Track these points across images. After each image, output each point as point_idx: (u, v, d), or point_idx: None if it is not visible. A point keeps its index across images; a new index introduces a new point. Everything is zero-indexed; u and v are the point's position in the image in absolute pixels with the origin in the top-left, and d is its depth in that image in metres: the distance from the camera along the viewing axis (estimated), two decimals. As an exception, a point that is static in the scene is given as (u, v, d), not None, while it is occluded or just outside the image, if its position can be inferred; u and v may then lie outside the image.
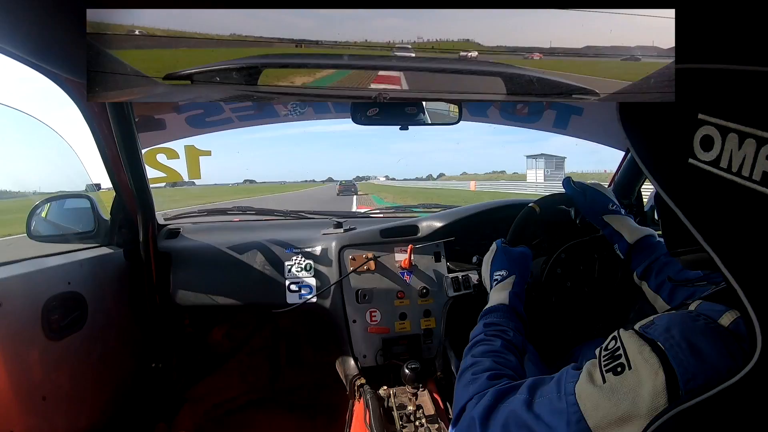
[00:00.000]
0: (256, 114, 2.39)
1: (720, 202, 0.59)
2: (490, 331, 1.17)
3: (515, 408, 0.85)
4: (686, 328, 0.69)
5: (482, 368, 1.04)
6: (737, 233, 0.58)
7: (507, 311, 1.23)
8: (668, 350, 0.67)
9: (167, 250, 2.05)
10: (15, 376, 1.37)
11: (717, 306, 0.74)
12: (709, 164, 0.59)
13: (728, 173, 0.57)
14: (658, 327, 0.72)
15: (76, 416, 1.63)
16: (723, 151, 0.57)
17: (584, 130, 2.27)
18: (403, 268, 1.95)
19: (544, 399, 0.82)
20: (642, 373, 0.67)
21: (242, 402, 2.52)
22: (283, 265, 2.01)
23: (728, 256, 0.59)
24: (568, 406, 0.75)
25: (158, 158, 2.12)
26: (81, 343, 1.64)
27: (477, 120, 2.37)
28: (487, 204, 2.07)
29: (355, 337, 1.90)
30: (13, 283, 1.39)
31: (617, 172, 2.14)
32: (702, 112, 0.59)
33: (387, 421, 1.58)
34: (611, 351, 0.75)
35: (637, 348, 0.70)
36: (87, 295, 1.67)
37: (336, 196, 33.04)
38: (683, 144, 0.61)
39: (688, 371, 0.64)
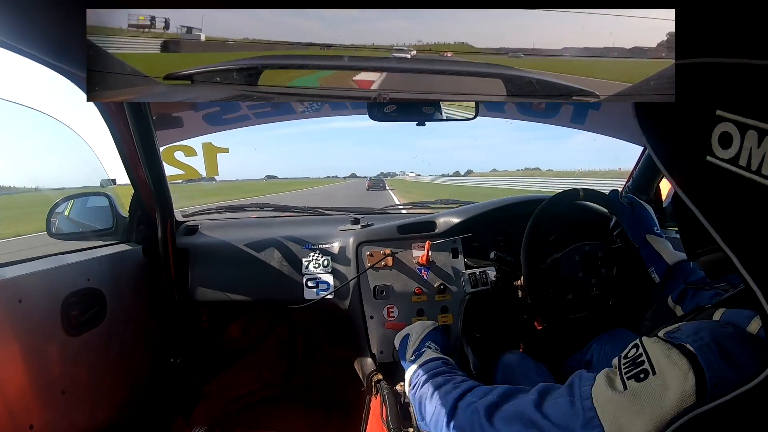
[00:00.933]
0: (272, 111, 2.39)
1: (739, 202, 0.57)
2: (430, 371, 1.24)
3: (524, 406, 0.85)
4: (715, 332, 0.68)
5: (459, 380, 1.08)
6: (756, 233, 0.57)
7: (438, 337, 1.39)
8: (698, 351, 0.66)
9: (185, 247, 2.07)
10: (35, 370, 1.40)
11: (743, 312, 0.73)
12: (727, 162, 0.57)
13: (747, 171, 0.55)
14: (685, 331, 0.71)
15: (95, 410, 1.66)
16: (742, 149, 0.55)
17: (602, 125, 2.22)
18: (420, 264, 1.94)
19: (554, 401, 0.82)
20: (668, 377, 0.66)
21: (259, 397, 2.53)
22: (301, 262, 2.01)
23: (747, 257, 0.57)
24: (585, 410, 0.75)
25: (176, 156, 2.14)
26: (100, 338, 1.67)
27: (494, 115, 2.32)
28: (505, 200, 2.04)
29: (372, 333, 1.89)
30: (34, 280, 1.42)
31: (635, 167, 2.08)
32: (720, 108, 0.57)
33: (404, 417, 1.56)
34: (632, 359, 0.74)
35: (663, 353, 0.69)
36: (106, 291, 1.70)
37: (366, 191, 33.26)
38: (701, 141, 0.59)
39: (718, 374, 0.63)
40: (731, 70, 0.56)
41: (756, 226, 0.56)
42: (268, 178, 68.16)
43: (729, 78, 0.56)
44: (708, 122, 0.58)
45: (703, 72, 0.59)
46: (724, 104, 0.57)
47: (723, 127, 0.57)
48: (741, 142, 0.55)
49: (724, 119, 0.57)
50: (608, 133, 2.23)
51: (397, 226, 2.01)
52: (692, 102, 0.60)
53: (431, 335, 1.47)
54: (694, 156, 0.60)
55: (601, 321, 1.68)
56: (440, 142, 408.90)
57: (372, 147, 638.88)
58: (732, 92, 0.56)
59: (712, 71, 0.58)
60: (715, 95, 0.58)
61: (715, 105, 0.57)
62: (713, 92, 0.58)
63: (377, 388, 1.74)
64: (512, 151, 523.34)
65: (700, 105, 0.59)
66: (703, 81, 0.59)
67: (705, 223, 0.60)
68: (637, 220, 1.50)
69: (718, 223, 0.59)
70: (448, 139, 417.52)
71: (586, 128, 2.23)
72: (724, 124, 0.57)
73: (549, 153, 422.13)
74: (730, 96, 0.56)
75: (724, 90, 0.57)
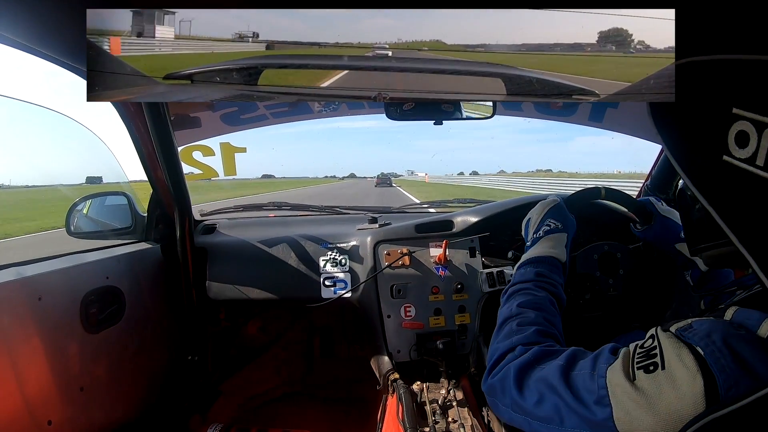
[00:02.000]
0: (290, 111, 2.40)
1: (755, 202, 0.56)
2: (540, 282, 1.15)
3: (550, 372, 0.86)
4: (728, 335, 0.67)
5: (529, 320, 1.04)
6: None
7: (560, 267, 1.21)
8: (708, 356, 0.65)
9: (203, 246, 2.09)
10: (54, 367, 1.43)
11: (753, 314, 0.72)
12: (744, 162, 0.55)
13: (765, 171, 0.54)
14: (698, 332, 0.70)
15: (113, 407, 1.70)
16: (759, 148, 0.54)
17: (620, 123, 2.19)
18: (437, 264, 1.92)
19: (579, 372, 0.83)
20: (676, 376, 0.66)
21: (276, 395, 2.55)
22: (318, 261, 2.01)
23: (762, 256, 0.57)
24: (599, 388, 0.76)
25: (194, 155, 2.16)
26: (118, 336, 1.70)
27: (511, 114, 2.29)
28: (523, 199, 2.00)
29: (389, 332, 1.88)
30: (54, 278, 1.45)
31: (654, 166, 2.01)
32: (737, 106, 0.55)
33: (420, 416, 1.55)
34: (647, 349, 0.75)
35: (674, 350, 0.69)
36: (124, 289, 1.72)
37: (374, 188, 33.66)
38: (717, 140, 0.58)
39: (730, 378, 0.62)
40: (748, 67, 0.55)
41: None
42: (264, 177, 69.03)
43: (745, 75, 0.55)
44: (724, 120, 0.57)
45: (719, 69, 0.57)
46: (741, 102, 0.55)
47: (739, 126, 0.55)
48: (758, 141, 0.54)
49: (740, 117, 0.55)
50: (626, 132, 2.19)
51: (415, 225, 2.00)
52: (708, 100, 0.59)
53: (551, 213, 1.37)
54: (710, 155, 0.59)
55: (617, 322, 1.66)
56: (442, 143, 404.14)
57: (372, 147, 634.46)
58: (749, 90, 0.55)
59: (727, 68, 0.56)
60: (731, 93, 0.56)
61: (732, 103, 0.56)
62: (729, 90, 0.57)
63: (394, 387, 1.74)
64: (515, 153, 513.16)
65: (715, 103, 0.58)
66: (719, 78, 0.57)
67: (721, 223, 0.59)
68: (664, 229, 1.45)
69: (734, 223, 0.58)
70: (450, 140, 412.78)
71: (604, 126, 2.19)
72: (740, 123, 0.55)
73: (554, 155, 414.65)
74: (747, 93, 0.55)
75: (740, 87, 0.56)
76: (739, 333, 0.68)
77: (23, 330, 1.34)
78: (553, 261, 1.21)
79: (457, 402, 1.63)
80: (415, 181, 54.23)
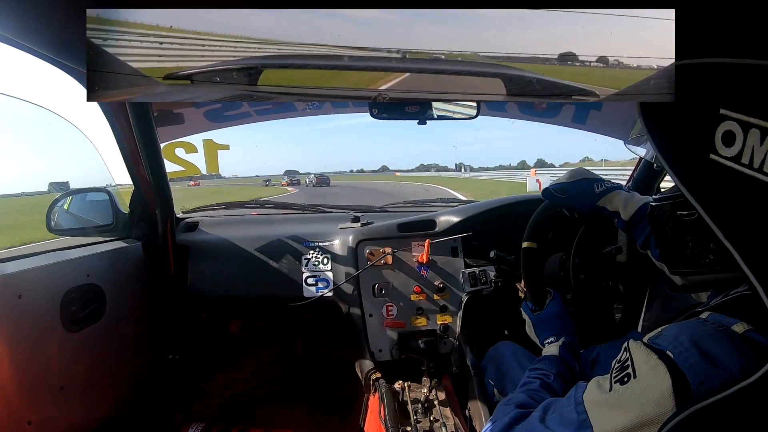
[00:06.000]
0: (274, 108, 2.38)
1: (741, 199, 0.59)
2: (533, 374, 1.21)
3: (530, 423, 0.91)
4: (694, 334, 0.72)
5: (515, 401, 1.08)
6: (759, 231, 0.58)
7: (554, 360, 1.26)
8: (677, 357, 0.69)
9: (185, 243, 2.08)
10: (34, 366, 1.40)
11: (728, 318, 0.76)
12: (730, 160, 0.58)
13: (750, 169, 0.57)
14: (666, 336, 0.75)
15: (94, 406, 1.67)
16: (745, 147, 0.57)
17: (603, 125, 2.21)
18: (420, 263, 1.95)
19: (555, 414, 0.87)
20: (647, 382, 0.70)
21: (258, 394, 2.54)
22: (300, 259, 2.02)
23: (748, 253, 0.59)
24: (578, 414, 0.80)
25: (177, 152, 2.13)
26: (99, 334, 1.67)
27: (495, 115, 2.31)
28: (505, 199, 2.06)
29: (371, 331, 1.90)
30: (33, 275, 1.42)
31: (636, 168, 2.07)
32: (724, 107, 0.59)
33: (402, 415, 1.57)
34: (622, 362, 0.78)
35: (643, 358, 0.73)
36: (105, 287, 1.70)
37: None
38: (705, 139, 0.61)
39: (700, 374, 0.66)
40: (735, 71, 0.57)
41: (757, 223, 0.58)
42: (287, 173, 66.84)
43: (732, 78, 0.58)
44: (712, 121, 0.59)
45: (707, 72, 0.60)
46: (728, 103, 0.58)
47: (726, 126, 0.58)
48: (744, 141, 0.56)
49: (727, 118, 0.58)
50: (609, 134, 2.21)
51: (397, 224, 2.02)
52: (696, 101, 0.61)
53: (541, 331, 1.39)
54: (697, 154, 0.61)
55: (604, 315, 1.68)
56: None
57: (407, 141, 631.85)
58: (735, 92, 0.58)
59: (716, 71, 0.59)
60: (718, 95, 0.59)
61: (719, 104, 0.59)
62: (717, 92, 0.59)
63: (375, 386, 1.75)
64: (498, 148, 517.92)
65: (704, 104, 0.60)
66: (707, 81, 0.60)
67: (708, 219, 0.61)
68: (577, 198, 1.38)
69: (721, 220, 0.61)
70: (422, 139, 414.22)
71: (588, 128, 2.21)
72: (727, 123, 0.58)
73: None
74: (734, 95, 0.58)
75: (727, 90, 0.58)
76: (706, 329, 0.72)
77: (2, 329, 1.31)
78: (550, 357, 1.27)
79: (439, 401, 1.66)
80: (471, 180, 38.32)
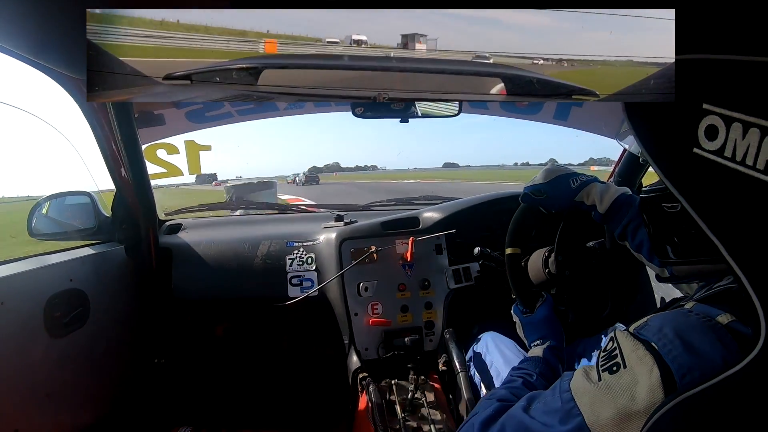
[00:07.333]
0: (255, 108, 2.38)
1: (724, 191, 0.60)
2: (516, 373, 1.22)
3: (513, 413, 0.91)
4: (678, 325, 0.73)
5: (496, 396, 1.08)
6: (741, 222, 0.60)
7: (538, 361, 1.27)
8: (661, 348, 0.71)
9: (168, 246, 2.05)
10: (18, 374, 1.38)
11: (711, 311, 0.77)
12: (713, 153, 0.60)
13: (732, 162, 0.58)
14: (651, 327, 0.76)
15: (81, 412, 1.64)
16: (727, 141, 0.58)
17: (585, 122, 2.25)
18: (404, 261, 1.95)
19: (539, 403, 0.88)
20: (637, 371, 0.71)
21: (245, 396, 2.53)
22: (285, 259, 2.02)
23: (732, 244, 0.60)
24: (564, 402, 0.80)
25: (158, 154, 2.11)
26: (84, 339, 1.64)
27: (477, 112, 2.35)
28: (488, 196, 2.07)
29: (357, 330, 1.90)
30: (15, 282, 1.39)
31: (617, 164, 2.11)
32: (706, 102, 0.60)
33: (389, 413, 1.58)
34: (609, 351, 0.79)
35: (631, 348, 0.74)
36: (89, 291, 1.67)
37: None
38: (688, 134, 0.62)
39: (683, 366, 0.68)
40: (717, 66, 0.59)
41: (740, 215, 0.59)
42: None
43: (715, 73, 0.59)
44: (695, 115, 0.61)
45: (690, 68, 0.61)
46: (711, 98, 0.59)
47: (709, 120, 0.60)
48: (726, 134, 0.58)
49: (710, 112, 0.59)
50: (591, 130, 2.24)
51: (381, 222, 2.03)
52: (680, 96, 0.63)
53: (529, 333, 1.42)
54: (681, 148, 0.63)
55: (591, 309, 1.65)
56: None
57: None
58: (718, 87, 0.59)
59: (698, 67, 0.61)
60: (701, 90, 0.60)
61: (702, 99, 0.60)
62: (700, 87, 0.61)
63: (362, 385, 1.75)
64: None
65: (687, 99, 0.62)
66: (691, 76, 0.61)
67: (691, 211, 0.62)
68: (555, 198, 1.38)
69: (705, 213, 0.62)
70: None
71: (569, 125, 2.25)
72: (710, 117, 0.60)
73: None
74: (716, 90, 0.59)
75: (710, 85, 0.60)
76: (689, 320, 0.74)
77: None
78: (533, 358, 1.29)
79: (426, 399, 1.66)
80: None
